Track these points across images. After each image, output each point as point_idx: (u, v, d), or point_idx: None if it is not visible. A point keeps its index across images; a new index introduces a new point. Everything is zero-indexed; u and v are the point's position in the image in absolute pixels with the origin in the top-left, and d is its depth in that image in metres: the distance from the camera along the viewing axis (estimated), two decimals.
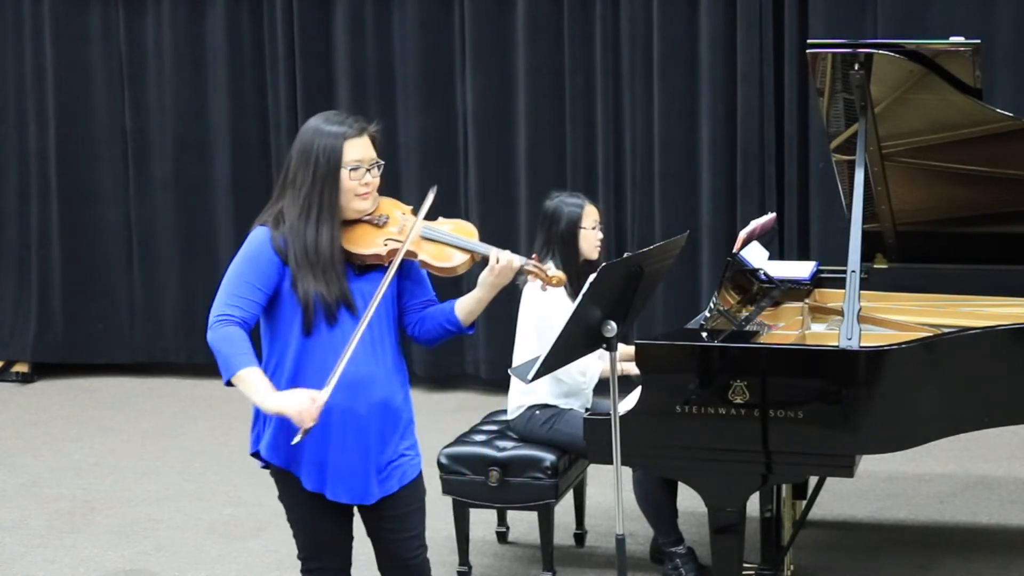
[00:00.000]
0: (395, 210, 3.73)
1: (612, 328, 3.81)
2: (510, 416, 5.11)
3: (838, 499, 5.80)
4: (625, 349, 4.94)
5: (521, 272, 3.68)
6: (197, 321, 8.33)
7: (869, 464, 5.97)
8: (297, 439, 3.46)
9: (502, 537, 5.49)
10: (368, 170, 3.64)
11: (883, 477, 6.10)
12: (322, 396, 3.47)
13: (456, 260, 3.65)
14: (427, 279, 3.79)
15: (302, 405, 3.44)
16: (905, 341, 4.20)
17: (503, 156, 7.74)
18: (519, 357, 5.01)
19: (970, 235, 5.09)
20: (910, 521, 5.66)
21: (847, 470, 4.23)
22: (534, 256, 3.78)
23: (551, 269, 3.72)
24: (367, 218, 3.67)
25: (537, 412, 5.02)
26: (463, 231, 3.73)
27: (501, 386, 6.48)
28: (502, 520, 5.48)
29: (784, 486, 4.96)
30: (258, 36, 8.09)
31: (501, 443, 5.04)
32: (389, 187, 8.91)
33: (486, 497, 4.98)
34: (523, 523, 5.49)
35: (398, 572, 3.78)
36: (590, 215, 5.08)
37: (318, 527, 3.71)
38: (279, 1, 7.94)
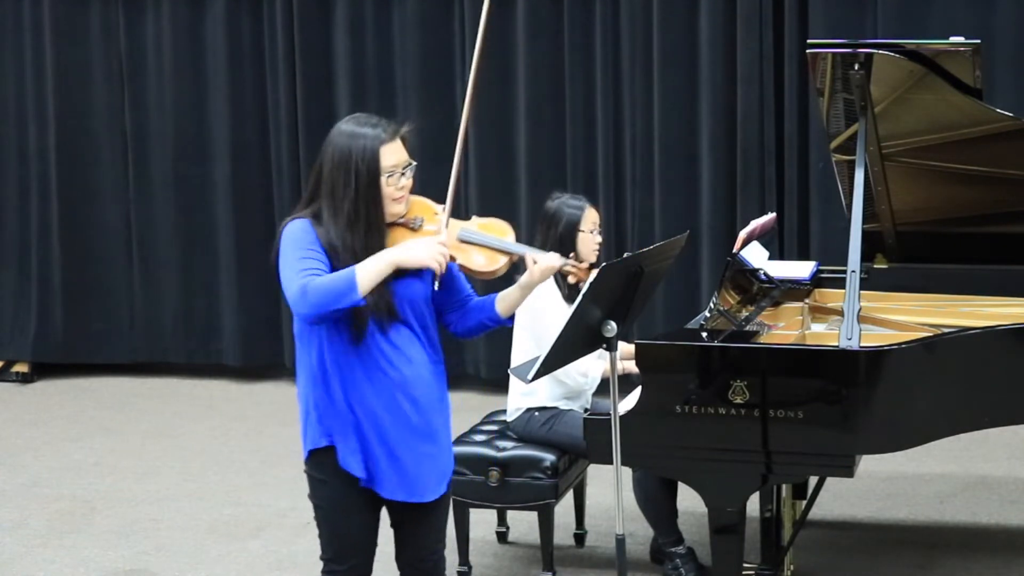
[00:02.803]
0: (429, 211, 3.69)
1: (612, 328, 3.81)
2: (509, 418, 5.11)
3: (838, 499, 5.80)
4: (626, 347, 4.94)
5: (559, 272, 3.70)
6: (197, 321, 8.35)
7: (869, 464, 5.97)
8: (437, 285, 3.52)
9: (502, 537, 5.49)
10: (402, 173, 3.61)
11: (883, 477, 6.10)
12: (443, 238, 3.50)
13: (496, 264, 3.64)
14: (462, 275, 3.78)
15: (437, 250, 3.48)
16: (905, 341, 4.20)
17: (503, 156, 7.74)
18: (517, 356, 5.02)
19: (970, 235, 5.09)
20: (910, 521, 5.66)
21: (847, 470, 4.23)
22: (572, 255, 3.79)
23: (586, 264, 3.75)
24: (402, 221, 3.63)
25: (536, 414, 5.02)
26: (498, 231, 3.71)
27: (501, 386, 6.47)
28: (502, 520, 5.48)
29: (784, 486, 4.96)
30: (258, 36, 8.10)
31: (501, 443, 5.04)
32: None
33: (486, 497, 4.99)
34: (523, 523, 5.49)
35: (415, 568, 3.78)
36: (590, 218, 5.08)
37: (349, 527, 3.69)
38: (279, 1, 7.94)
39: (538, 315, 4.94)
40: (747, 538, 4.36)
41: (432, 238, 3.54)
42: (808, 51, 4.65)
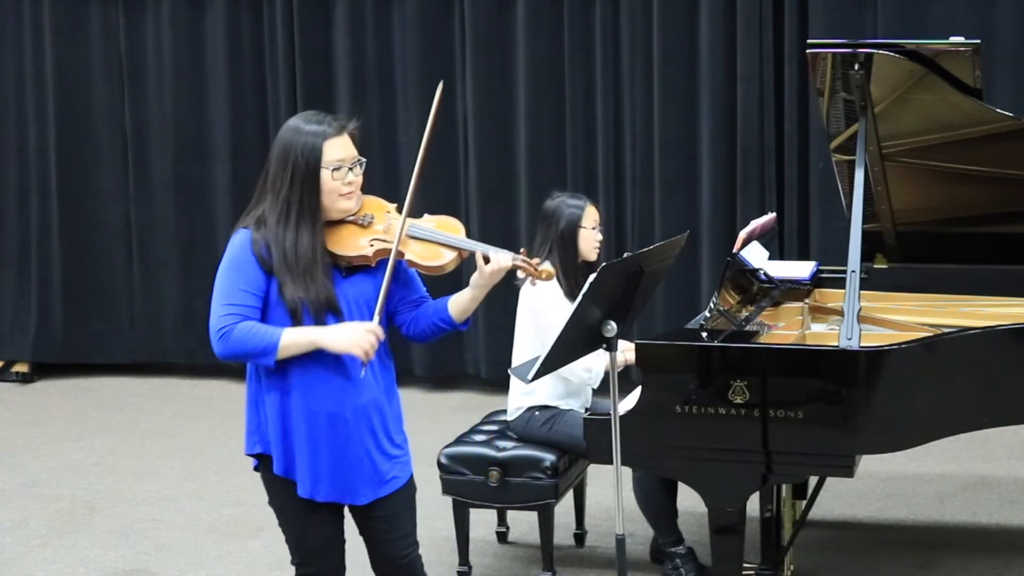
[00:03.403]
0: (380, 209, 3.69)
1: (612, 328, 3.81)
2: (510, 417, 5.11)
3: (838, 499, 5.80)
4: (626, 343, 4.94)
5: (511, 269, 3.65)
6: (197, 321, 8.33)
7: (869, 464, 5.97)
8: (363, 373, 3.50)
9: (502, 537, 5.48)
10: (350, 169, 3.60)
11: (883, 477, 6.10)
12: (374, 326, 3.49)
13: (444, 259, 3.62)
14: (417, 277, 3.77)
15: (364, 339, 3.46)
16: (905, 341, 4.20)
17: (503, 156, 7.74)
18: (518, 356, 5.02)
19: (970, 235, 5.09)
20: (910, 521, 5.66)
21: (847, 470, 4.23)
22: (522, 250, 3.74)
23: (541, 263, 3.69)
24: (351, 218, 3.63)
25: (536, 413, 5.02)
26: (449, 227, 3.69)
27: (501, 386, 6.47)
28: (502, 520, 5.48)
29: (784, 486, 4.96)
30: (258, 36, 8.09)
31: (501, 443, 5.04)
32: (389, 187, 8.95)
33: (486, 497, 4.98)
34: (523, 523, 5.49)
35: (390, 571, 3.78)
36: (591, 216, 5.08)
37: (310, 532, 3.71)
38: (279, 1, 7.94)
39: (539, 314, 4.95)
40: (747, 538, 4.35)
41: (362, 326, 3.49)
42: (808, 51, 4.65)
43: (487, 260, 3.63)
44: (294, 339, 3.49)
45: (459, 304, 3.71)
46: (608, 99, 7.53)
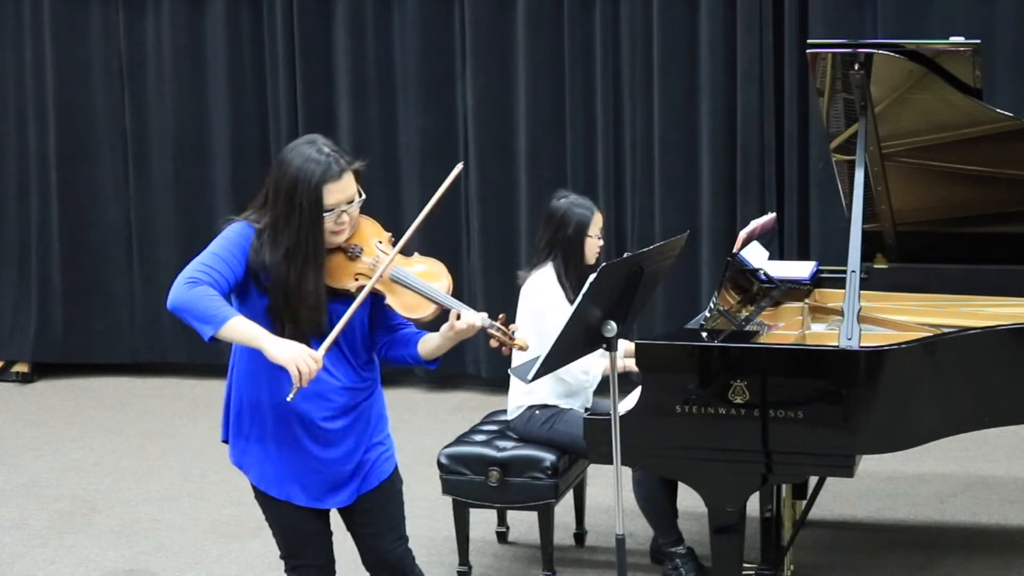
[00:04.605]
0: (372, 239, 3.66)
1: (612, 328, 3.81)
2: (510, 416, 5.11)
3: (838, 499, 5.80)
4: (627, 345, 4.94)
5: (484, 333, 3.62)
6: None
7: (869, 464, 5.97)
8: (291, 396, 3.43)
9: (502, 537, 5.48)
10: (343, 210, 3.57)
11: (883, 477, 6.10)
12: (319, 355, 3.43)
13: (423, 312, 3.61)
14: None
15: (304, 360, 3.39)
16: (905, 341, 4.20)
17: (503, 156, 7.74)
18: (518, 356, 5.01)
19: (970, 235, 5.09)
20: (910, 521, 5.66)
21: (847, 470, 4.23)
22: (501, 317, 3.68)
23: (515, 333, 3.65)
24: (342, 247, 3.62)
25: (537, 412, 5.02)
26: (434, 276, 3.66)
27: (501, 386, 6.47)
28: (502, 520, 5.48)
29: (784, 486, 4.96)
30: (258, 36, 8.09)
31: (501, 443, 5.04)
32: (389, 187, 8.93)
33: (486, 497, 4.98)
34: (523, 523, 5.49)
35: (379, 566, 3.80)
36: (597, 223, 5.09)
37: (294, 526, 3.73)
38: (279, 1, 7.94)
39: (539, 315, 4.95)
40: (747, 538, 4.36)
41: (307, 350, 3.43)
42: (808, 51, 4.65)
43: (459, 317, 3.61)
44: (241, 328, 3.43)
45: (427, 345, 3.69)
46: (608, 99, 7.53)
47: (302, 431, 3.63)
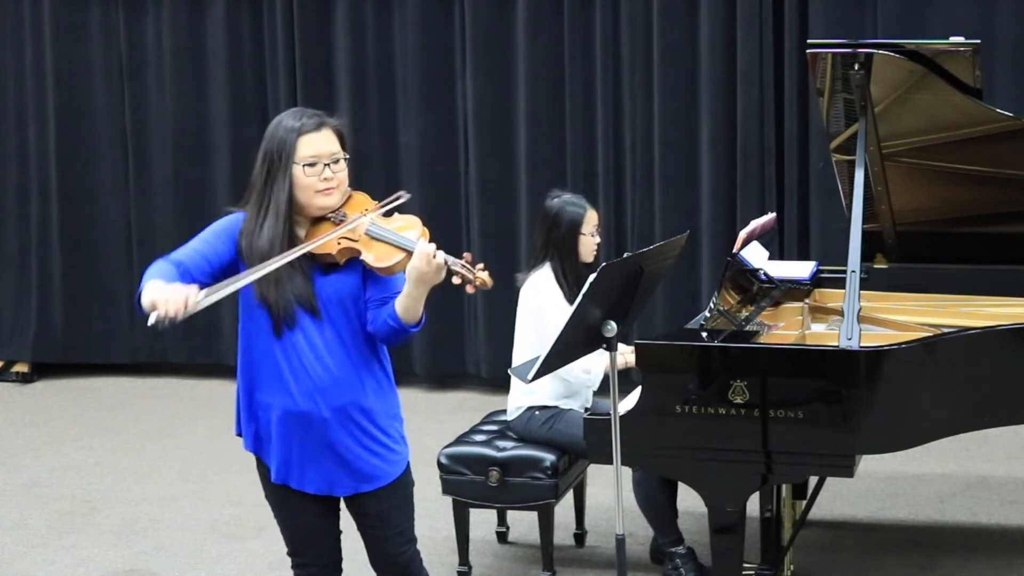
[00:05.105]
0: (359, 207, 3.64)
1: (612, 328, 3.82)
2: (510, 416, 5.11)
3: (838, 499, 5.80)
4: (626, 347, 4.94)
5: (449, 272, 3.48)
6: (197, 321, 8.33)
7: (869, 464, 5.97)
8: (151, 321, 3.33)
9: (502, 537, 5.48)
10: (327, 165, 3.58)
11: (883, 477, 6.10)
12: (195, 296, 3.35)
13: (391, 260, 3.52)
14: (395, 278, 3.63)
15: (169, 293, 3.32)
16: (905, 341, 4.20)
17: (503, 156, 7.74)
18: (518, 356, 5.02)
19: (970, 235, 5.09)
20: (910, 521, 5.66)
21: (847, 470, 4.23)
22: (466, 255, 3.56)
23: (478, 270, 3.50)
24: (330, 216, 3.61)
25: (537, 412, 5.02)
26: (408, 227, 3.60)
27: (501, 386, 6.47)
28: (502, 520, 5.48)
29: (784, 486, 4.96)
30: (258, 36, 8.09)
31: (501, 443, 5.04)
32: (390, 187, 8.92)
33: (486, 497, 4.99)
34: (523, 523, 5.49)
35: (386, 568, 3.79)
36: (591, 221, 5.08)
37: (299, 521, 3.73)
38: (279, 1, 7.94)
39: (539, 314, 4.95)
40: (747, 538, 4.36)
41: (184, 290, 3.36)
42: (808, 51, 4.65)
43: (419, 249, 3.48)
44: (147, 287, 3.39)
45: (400, 302, 3.56)
46: (608, 99, 7.53)
47: (312, 425, 3.61)
